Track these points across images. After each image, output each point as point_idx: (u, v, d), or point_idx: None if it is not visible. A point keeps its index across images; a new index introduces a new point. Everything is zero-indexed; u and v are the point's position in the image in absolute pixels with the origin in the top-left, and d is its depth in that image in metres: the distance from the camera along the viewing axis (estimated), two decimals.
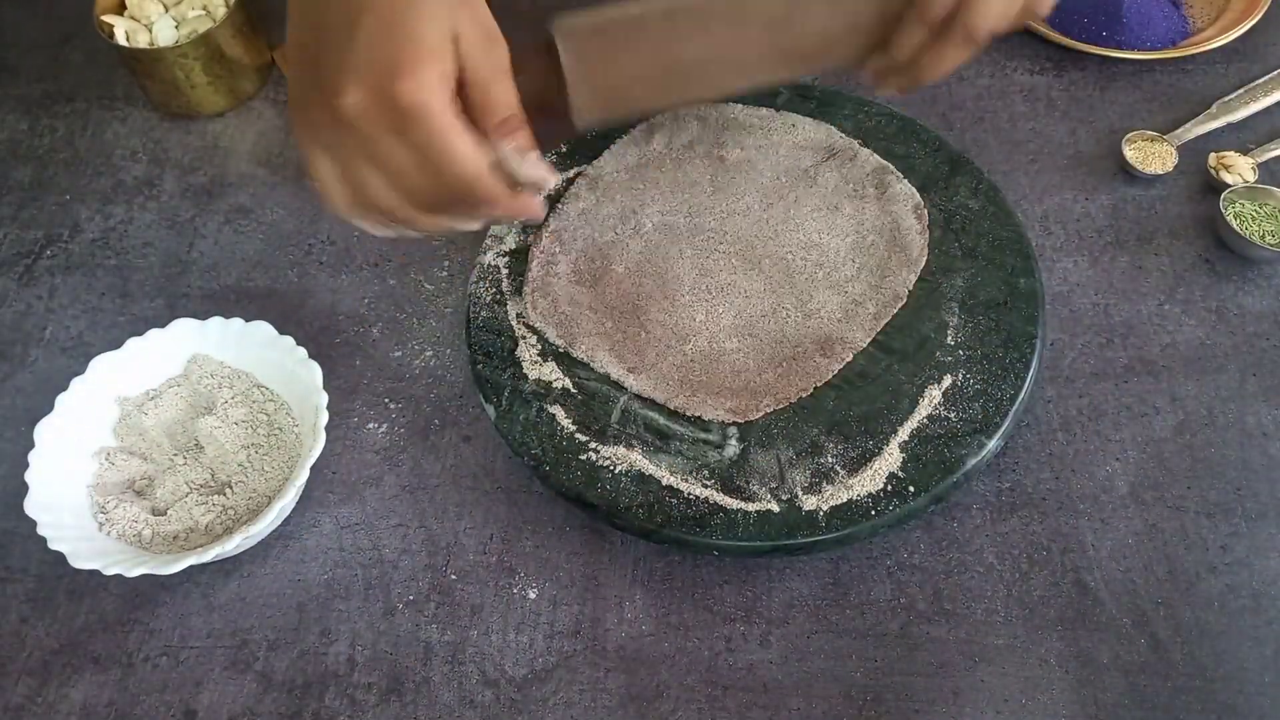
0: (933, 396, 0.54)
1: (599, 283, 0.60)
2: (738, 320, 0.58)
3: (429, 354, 0.61)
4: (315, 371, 0.55)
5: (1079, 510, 0.54)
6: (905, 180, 0.62)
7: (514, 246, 0.62)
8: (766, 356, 0.56)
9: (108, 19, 0.71)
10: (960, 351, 0.56)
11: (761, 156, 0.64)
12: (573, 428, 0.54)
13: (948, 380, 0.55)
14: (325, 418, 0.53)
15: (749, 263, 0.60)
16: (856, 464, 0.52)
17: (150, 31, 0.71)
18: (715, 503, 0.51)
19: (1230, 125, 0.67)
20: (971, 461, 0.52)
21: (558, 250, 0.61)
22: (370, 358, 0.61)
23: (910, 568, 0.53)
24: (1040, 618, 0.51)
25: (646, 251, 0.61)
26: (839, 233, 0.61)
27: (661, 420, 0.55)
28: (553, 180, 0.51)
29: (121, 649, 0.53)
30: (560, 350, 0.57)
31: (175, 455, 0.56)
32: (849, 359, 0.56)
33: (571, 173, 0.65)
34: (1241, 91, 0.68)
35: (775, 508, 0.51)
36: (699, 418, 0.55)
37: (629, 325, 0.58)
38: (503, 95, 0.47)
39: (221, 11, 0.71)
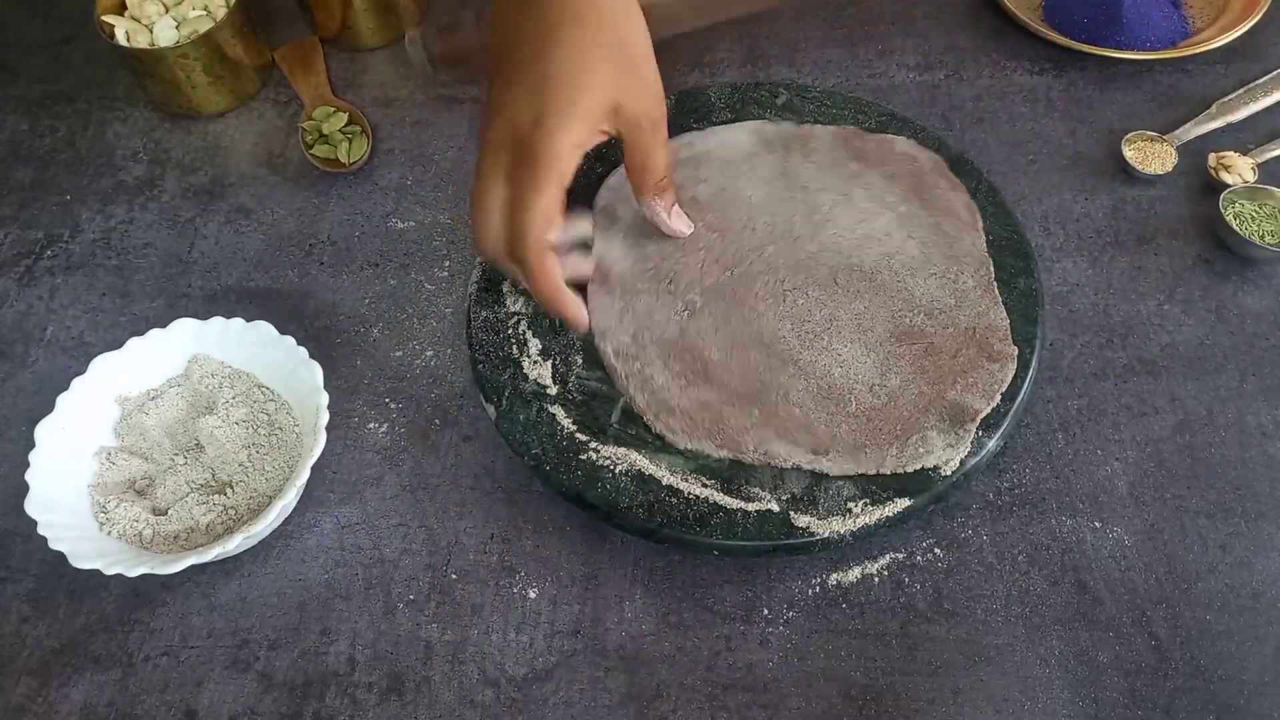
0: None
1: (711, 376, 0.55)
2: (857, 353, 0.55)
3: (429, 354, 0.62)
4: (316, 371, 0.55)
5: (1079, 510, 0.54)
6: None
7: None
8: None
9: (108, 19, 0.71)
10: None
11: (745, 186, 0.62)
12: (573, 428, 0.54)
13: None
14: (326, 417, 0.53)
15: (830, 287, 0.57)
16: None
17: (151, 32, 0.71)
18: (715, 503, 0.51)
19: (1230, 125, 0.67)
20: (971, 461, 0.52)
21: (638, 365, 0.56)
22: (371, 358, 0.62)
23: (910, 568, 0.53)
24: (1040, 618, 0.51)
25: (727, 321, 0.56)
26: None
27: None
28: (689, 230, 0.59)
29: (122, 649, 0.53)
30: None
31: (176, 455, 0.56)
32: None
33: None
34: (1241, 91, 0.68)
35: (775, 508, 0.51)
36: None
37: (774, 405, 0.54)
38: (660, 160, 0.54)
39: (222, 12, 0.71)
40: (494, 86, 0.51)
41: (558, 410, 0.55)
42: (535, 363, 0.57)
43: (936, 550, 0.53)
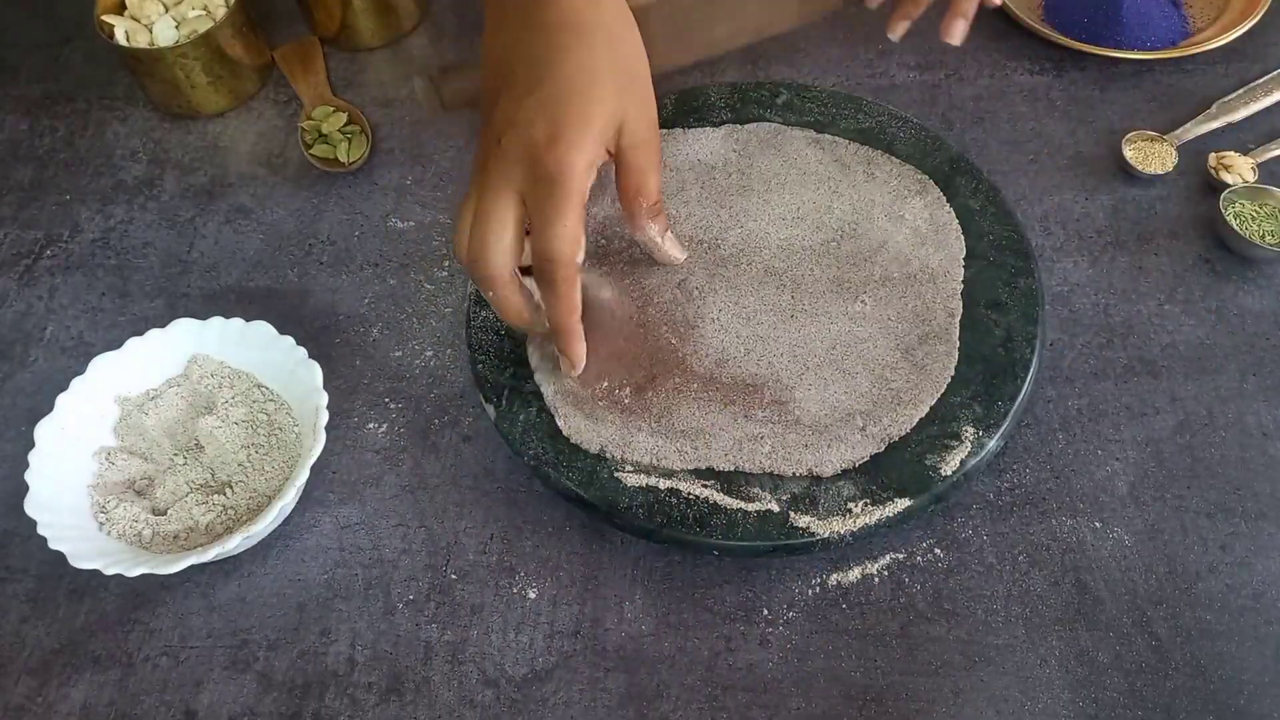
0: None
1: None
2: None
3: (429, 354, 0.61)
4: (315, 371, 0.55)
5: (1079, 510, 0.54)
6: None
7: None
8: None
9: (108, 19, 0.71)
10: (960, 351, 0.56)
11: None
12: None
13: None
14: (325, 418, 0.53)
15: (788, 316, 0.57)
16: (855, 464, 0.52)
17: (150, 32, 0.71)
18: (715, 503, 0.51)
19: (1230, 125, 0.67)
20: (972, 462, 0.52)
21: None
22: (370, 358, 0.61)
23: (910, 568, 0.53)
24: (1040, 618, 0.51)
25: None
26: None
27: None
28: (683, 257, 0.59)
29: (121, 649, 0.53)
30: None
31: (175, 455, 0.56)
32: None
33: None
34: (1241, 91, 0.68)
35: (775, 508, 0.51)
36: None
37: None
38: (654, 184, 0.52)
39: (222, 11, 0.71)
40: (497, 102, 0.49)
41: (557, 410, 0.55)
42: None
43: (937, 550, 0.53)
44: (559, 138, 0.46)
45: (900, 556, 0.53)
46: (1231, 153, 0.65)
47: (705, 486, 0.52)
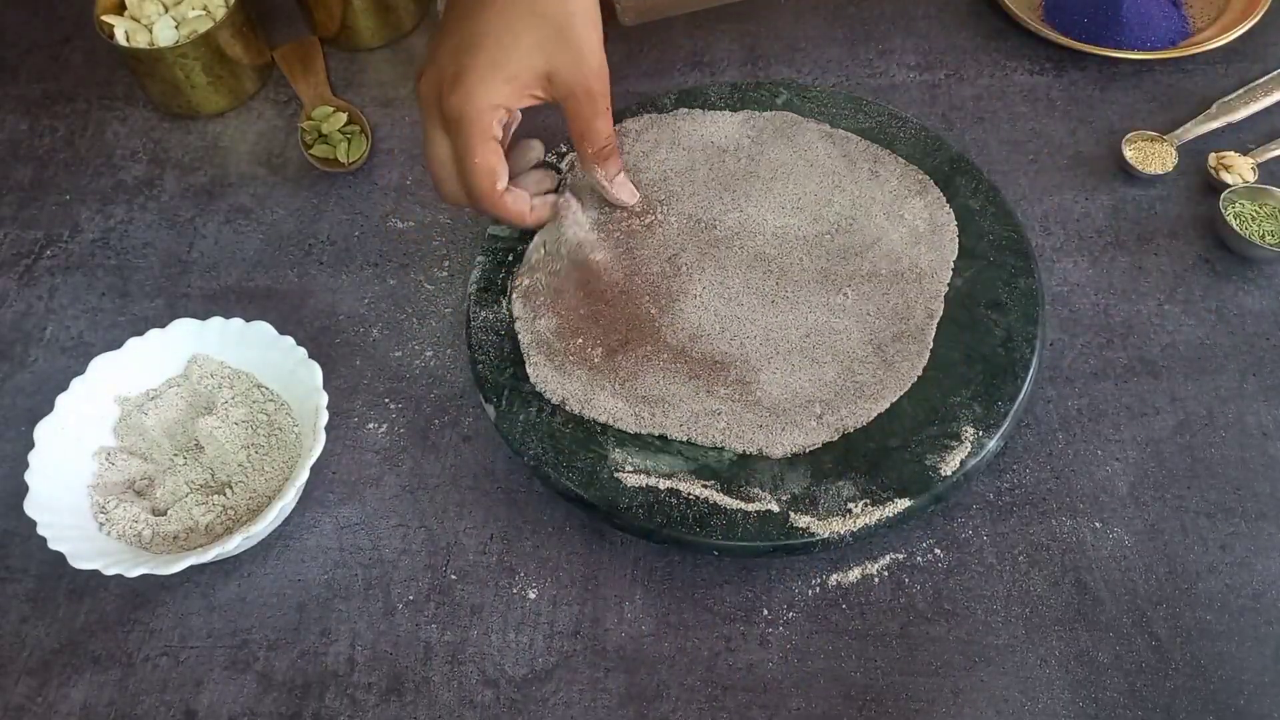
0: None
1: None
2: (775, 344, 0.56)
3: (429, 354, 0.61)
4: (315, 371, 0.55)
5: (1079, 510, 0.54)
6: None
7: (513, 246, 0.62)
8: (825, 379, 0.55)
9: (108, 19, 0.71)
10: (960, 352, 0.56)
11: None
12: (572, 427, 0.54)
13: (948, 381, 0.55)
14: (325, 418, 0.53)
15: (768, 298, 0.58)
16: (855, 465, 0.52)
17: (150, 32, 0.71)
18: (715, 503, 0.51)
19: (1230, 125, 0.67)
20: (972, 462, 0.52)
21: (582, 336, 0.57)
22: (370, 358, 0.61)
23: (910, 568, 0.53)
24: (1040, 618, 0.51)
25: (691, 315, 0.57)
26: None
27: None
28: (634, 201, 0.61)
29: (121, 649, 0.53)
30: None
31: (175, 455, 0.56)
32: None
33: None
34: (1241, 91, 0.68)
35: (775, 508, 0.51)
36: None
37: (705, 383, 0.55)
38: (600, 130, 0.55)
39: (221, 12, 0.71)
40: (431, 41, 0.53)
41: (557, 410, 0.55)
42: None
43: (937, 551, 0.53)
44: (461, 80, 0.50)
45: (900, 556, 0.53)
46: (1231, 153, 0.65)
47: (705, 487, 0.52)
